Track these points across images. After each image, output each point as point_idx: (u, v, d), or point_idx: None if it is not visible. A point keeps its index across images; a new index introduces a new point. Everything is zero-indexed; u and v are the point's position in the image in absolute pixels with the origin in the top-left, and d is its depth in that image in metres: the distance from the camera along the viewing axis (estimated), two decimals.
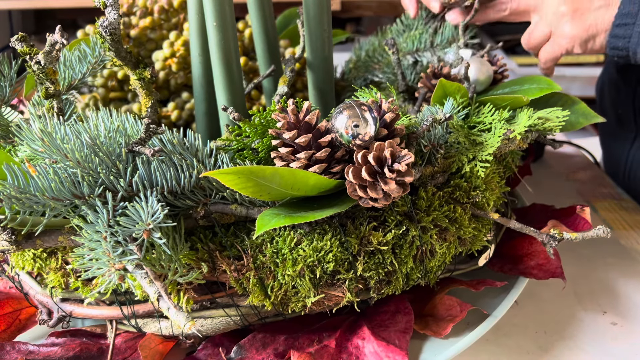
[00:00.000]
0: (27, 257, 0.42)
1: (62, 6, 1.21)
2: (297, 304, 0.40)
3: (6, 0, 1.19)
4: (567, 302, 0.53)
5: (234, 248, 0.40)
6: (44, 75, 0.40)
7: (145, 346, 0.40)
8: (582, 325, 0.50)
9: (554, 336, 0.49)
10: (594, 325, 0.50)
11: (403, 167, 0.36)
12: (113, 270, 0.34)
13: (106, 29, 0.38)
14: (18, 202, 0.34)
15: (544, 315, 0.51)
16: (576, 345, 0.48)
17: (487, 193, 0.43)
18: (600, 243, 0.60)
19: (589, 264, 0.58)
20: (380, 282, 0.40)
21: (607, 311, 0.51)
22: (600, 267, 0.58)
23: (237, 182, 0.36)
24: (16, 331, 0.45)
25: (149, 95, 0.44)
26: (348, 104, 0.39)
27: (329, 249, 0.39)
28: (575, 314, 0.51)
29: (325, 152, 0.39)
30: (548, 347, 0.47)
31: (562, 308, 0.52)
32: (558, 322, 0.50)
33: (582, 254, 0.59)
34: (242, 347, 0.41)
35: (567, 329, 0.49)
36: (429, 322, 0.44)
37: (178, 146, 0.40)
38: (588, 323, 0.50)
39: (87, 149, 0.36)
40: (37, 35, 1.24)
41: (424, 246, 0.41)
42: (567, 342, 0.48)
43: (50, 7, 1.23)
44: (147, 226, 0.34)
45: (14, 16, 1.29)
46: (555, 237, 0.42)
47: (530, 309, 0.52)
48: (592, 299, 0.53)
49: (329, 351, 0.41)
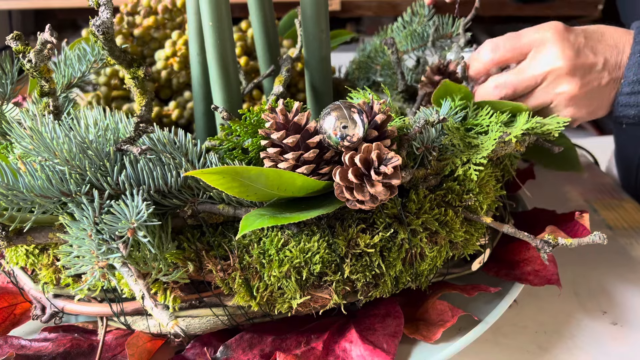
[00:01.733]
0: (20, 253, 0.43)
1: (62, 6, 1.23)
2: (283, 305, 0.40)
3: (6, 0, 1.21)
4: (567, 302, 0.52)
5: (221, 248, 0.40)
6: (38, 74, 0.41)
7: (133, 344, 0.41)
8: (582, 325, 0.49)
9: (554, 336, 0.48)
10: (594, 325, 0.49)
11: (389, 170, 0.35)
12: (96, 268, 0.34)
13: (99, 28, 0.38)
14: (5, 199, 0.34)
15: (544, 315, 0.51)
16: (576, 345, 0.47)
17: (480, 197, 0.43)
18: (600, 243, 0.59)
19: (589, 264, 0.58)
20: (367, 285, 0.40)
21: (607, 311, 0.51)
22: (600, 268, 0.57)
23: (222, 182, 0.35)
24: (10, 325, 0.46)
25: (144, 94, 0.44)
26: (336, 105, 0.39)
27: (316, 250, 0.39)
28: (575, 314, 0.51)
29: (313, 153, 0.38)
30: (548, 347, 0.47)
31: (562, 308, 0.52)
32: (558, 322, 0.50)
33: (582, 254, 0.58)
34: (229, 347, 0.41)
35: (567, 329, 0.49)
36: (419, 327, 0.43)
37: (168, 145, 0.40)
38: (588, 323, 0.50)
39: (75, 148, 0.37)
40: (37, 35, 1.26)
41: (413, 249, 0.40)
42: (567, 342, 0.48)
43: (50, 7, 1.25)
44: (131, 224, 0.34)
45: (14, 16, 1.32)
46: (549, 243, 0.41)
47: (530, 309, 0.51)
48: (592, 299, 0.53)
49: (315, 353, 0.40)
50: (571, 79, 0.48)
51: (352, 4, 1.22)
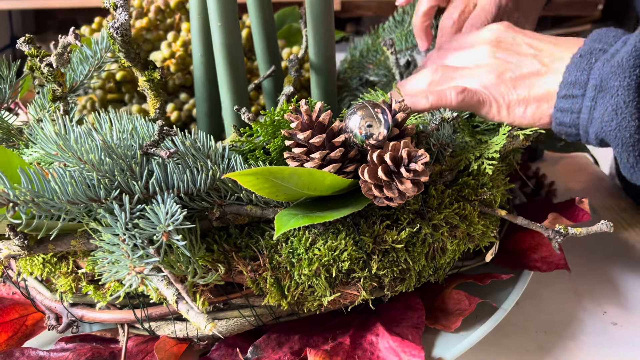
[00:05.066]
0: (37, 262, 0.42)
1: (62, 6, 1.19)
2: (313, 303, 0.40)
3: (6, 0, 1.16)
4: (567, 302, 0.53)
5: (249, 249, 0.40)
6: (52, 78, 0.40)
7: (161, 348, 0.40)
8: (582, 325, 0.50)
9: (554, 336, 0.49)
10: (594, 325, 0.50)
11: (420, 167, 0.36)
12: (134, 274, 0.34)
13: (117, 30, 0.38)
14: (35, 207, 0.34)
15: (544, 315, 0.51)
16: (576, 345, 0.48)
17: (494, 190, 0.44)
18: (600, 243, 0.61)
19: (589, 264, 0.58)
20: (394, 280, 0.41)
21: (607, 311, 0.51)
22: (600, 267, 0.57)
23: (255, 182, 0.36)
24: (23, 337, 0.45)
25: (158, 96, 0.44)
26: (362, 105, 0.39)
27: (343, 247, 0.40)
28: (575, 314, 0.51)
29: (339, 151, 0.39)
30: (548, 347, 0.47)
31: (562, 308, 0.52)
32: (558, 322, 0.50)
33: (582, 254, 0.59)
34: (258, 347, 0.41)
35: (567, 329, 0.49)
36: (438, 317, 0.45)
37: (190, 147, 0.40)
38: (588, 323, 0.50)
39: (102, 152, 0.36)
40: (37, 35, 1.22)
41: (435, 244, 0.42)
42: (567, 342, 0.48)
43: (50, 7, 1.21)
44: (166, 228, 0.34)
45: (14, 16, 1.27)
46: (560, 233, 0.43)
47: (530, 309, 0.51)
48: (592, 299, 0.53)
49: (344, 348, 0.41)
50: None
51: (352, 4, 1.23)
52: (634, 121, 0.39)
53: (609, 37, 0.43)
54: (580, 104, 0.42)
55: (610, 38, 0.42)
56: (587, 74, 0.41)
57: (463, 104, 0.45)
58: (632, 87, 0.39)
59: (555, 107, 0.43)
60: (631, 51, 0.39)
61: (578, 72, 0.42)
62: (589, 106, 0.41)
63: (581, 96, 0.42)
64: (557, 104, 0.43)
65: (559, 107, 0.43)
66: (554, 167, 0.76)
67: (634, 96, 0.39)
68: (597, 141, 0.43)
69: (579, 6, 1.27)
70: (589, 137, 0.43)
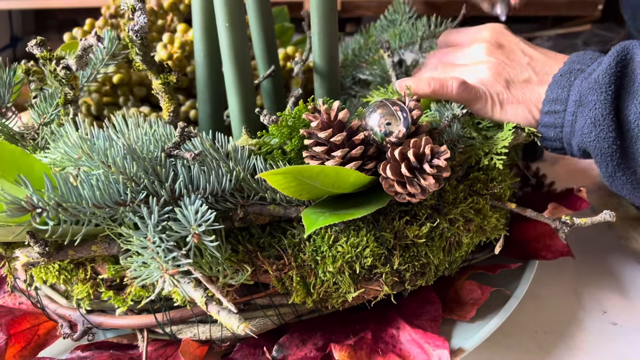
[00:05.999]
0: (52, 270, 0.41)
1: (62, 6, 1.15)
2: (338, 299, 0.41)
3: (6, 0, 1.12)
4: (567, 302, 0.53)
5: (273, 248, 0.40)
6: (67, 81, 0.39)
7: (186, 351, 0.40)
8: (582, 325, 0.50)
9: (554, 336, 0.49)
10: (594, 325, 0.50)
11: (442, 163, 0.37)
12: (167, 277, 0.33)
13: (137, 33, 0.37)
14: (63, 212, 0.33)
15: (544, 315, 0.51)
16: (576, 345, 0.48)
17: (503, 184, 0.46)
18: (600, 243, 0.61)
19: (589, 263, 0.58)
20: (415, 275, 0.42)
21: (607, 311, 0.52)
22: (600, 267, 0.57)
23: (283, 182, 0.36)
24: (37, 347, 0.44)
25: (172, 99, 0.43)
26: (381, 103, 0.40)
27: (365, 244, 0.40)
28: (575, 314, 0.51)
29: (359, 149, 0.40)
30: (548, 347, 0.48)
31: (562, 308, 0.52)
32: (558, 322, 0.50)
33: (582, 254, 0.58)
34: (283, 345, 0.41)
35: (567, 329, 0.50)
36: (454, 308, 0.46)
37: (210, 149, 0.40)
38: (588, 323, 0.50)
39: (125, 155, 0.36)
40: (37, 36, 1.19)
41: (452, 237, 0.43)
42: (567, 342, 0.48)
43: (50, 7, 1.17)
44: (197, 229, 0.34)
45: (14, 16, 1.22)
46: (567, 223, 0.45)
47: (530, 308, 0.52)
48: (592, 299, 0.53)
49: (366, 342, 0.42)
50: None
51: (352, 4, 1.23)
52: (611, 132, 0.42)
53: (586, 59, 0.46)
54: (562, 119, 0.45)
55: (587, 60, 0.46)
56: (567, 90, 0.45)
57: (462, 96, 0.47)
58: (608, 102, 0.42)
59: (540, 123, 0.47)
60: (606, 69, 0.43)
61: (559, 90, 0.45)
62: (570, 120, 0.44)
63: (562, 111, 0.45)
64: (541, 119, 0.46)
65: (542, 122, 0.46)
66: (554, 167, 0.76)
67: (610, 109, 0.42)
68: (580, 152, 0.46)
69: (579, 6, 1.30)
70: (572, 149, 0.46)
